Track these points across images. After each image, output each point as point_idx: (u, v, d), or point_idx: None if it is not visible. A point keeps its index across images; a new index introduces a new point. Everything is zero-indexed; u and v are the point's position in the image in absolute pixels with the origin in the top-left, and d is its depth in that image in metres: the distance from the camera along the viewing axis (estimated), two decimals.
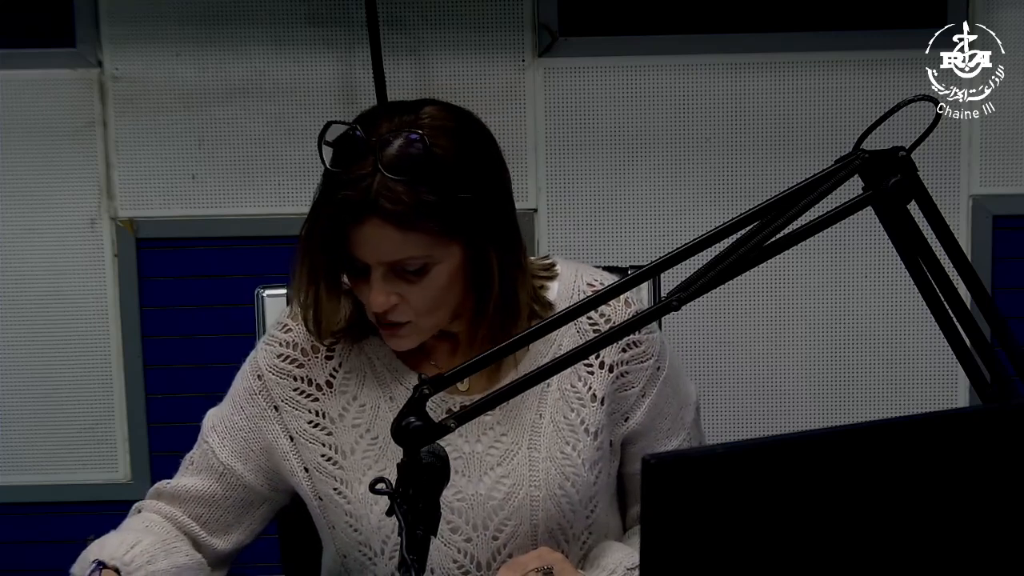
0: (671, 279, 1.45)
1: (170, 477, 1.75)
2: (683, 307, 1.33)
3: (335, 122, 1.55)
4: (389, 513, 1.34)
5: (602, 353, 1.69)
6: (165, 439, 2.87)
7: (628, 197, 2.82)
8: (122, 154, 2.81)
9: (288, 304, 1.78)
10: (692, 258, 1.36)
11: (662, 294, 1.93)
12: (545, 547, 1.64)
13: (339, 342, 1.70)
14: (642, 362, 1.71)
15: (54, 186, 2.81)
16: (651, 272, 1.37)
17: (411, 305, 1.58)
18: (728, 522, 1.07)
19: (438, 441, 1.36)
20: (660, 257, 1.36)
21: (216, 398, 1.77)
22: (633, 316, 1.38)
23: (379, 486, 1.34)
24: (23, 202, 2.82)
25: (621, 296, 1.68)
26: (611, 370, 1.69)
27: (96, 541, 1.64)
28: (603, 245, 2.83)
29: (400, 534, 1.32)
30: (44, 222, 2.83)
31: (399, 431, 1.34)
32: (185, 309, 2.87)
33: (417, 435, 1.34)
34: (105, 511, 2.84)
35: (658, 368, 1.72)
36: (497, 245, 1.59)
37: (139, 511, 1.73)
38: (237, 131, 2.80)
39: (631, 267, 1.67)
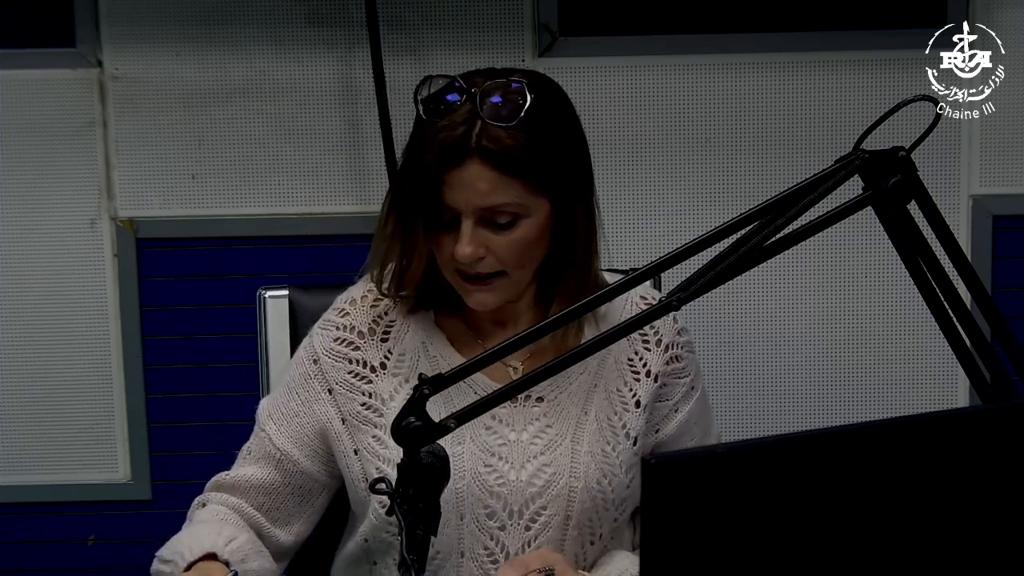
0: (671, 279, 1.45)
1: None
2: (683, 307, 1.33)
3: (433, 76, 1.57)
4: (389, 513, 1.34)
5: (649, 362, 1.73)
6: (165, 439, 2.86)
7: (628, 197, 2.82)
8: (122, 154, 2.81)
9: (361, 279, 1.76)
10: (692, 258, 1.36)
11: (662, 294, 1.93)
12: (546, 549, 1.65)
13: (395, 324, 1.70)
14: (680, 378, 1.76)
15: (54, 186, 2.81)
16: (651, 272, 1.37)
17: (498, 258, 1.59)
18: (728, 522, 1.07)
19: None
20: (660, 257, 1.36)
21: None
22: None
23: (379, 486, 1.34)
24: (23, 202, 2.82)
25: (671, 314, 1.67)
26: (656, 379, 1.73)
27: (183, 535, 1.61)
28: (603, 245, 2.83)
29: (400, 534, 1.32)
30: (44, 222, 2.82)
31: (399, 431, 1.34)
32: (185, 309, 2.86)
33: (417, 435, 1.34)
34: (105, 511, 2.85)
35: (692, 387, 1.77)
36: (584, 206, 1.64)
37: (203, 504, 1.71)
38: (237, 131, 2.80)
39: (631, 268, 1.68)
